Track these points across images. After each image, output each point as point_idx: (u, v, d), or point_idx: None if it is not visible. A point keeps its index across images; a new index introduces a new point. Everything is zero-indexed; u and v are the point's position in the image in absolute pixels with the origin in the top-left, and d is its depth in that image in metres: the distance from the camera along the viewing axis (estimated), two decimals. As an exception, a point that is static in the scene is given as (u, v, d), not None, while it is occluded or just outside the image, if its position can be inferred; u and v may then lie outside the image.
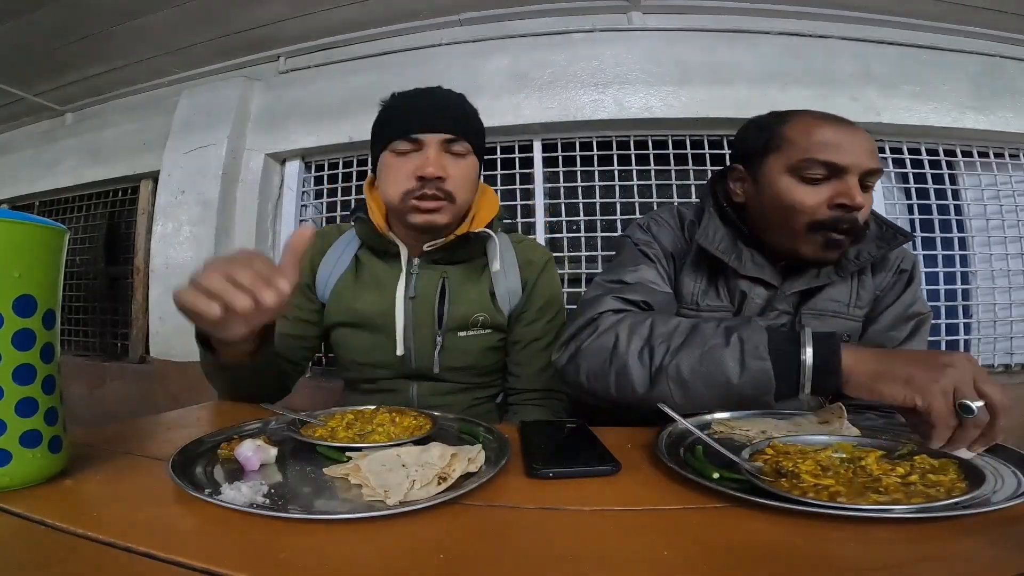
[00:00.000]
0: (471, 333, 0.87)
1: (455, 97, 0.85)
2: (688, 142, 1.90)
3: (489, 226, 0.87)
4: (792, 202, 0.73)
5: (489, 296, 0.88)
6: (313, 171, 2.20)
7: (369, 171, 0.88)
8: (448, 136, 0.79)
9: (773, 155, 0.75)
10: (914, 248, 1.88)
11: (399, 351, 0.85)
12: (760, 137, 0.78)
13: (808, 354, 0.57)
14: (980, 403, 0.48)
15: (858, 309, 0.80)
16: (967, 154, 1.91)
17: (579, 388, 0.71)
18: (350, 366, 0.92)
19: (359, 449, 0.51)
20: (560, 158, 1.95)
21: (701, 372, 0.60)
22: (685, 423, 0.54)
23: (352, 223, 0.94)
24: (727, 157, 0.86)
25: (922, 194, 1.88)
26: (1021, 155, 1.91)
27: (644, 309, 0.74)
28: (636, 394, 0.64)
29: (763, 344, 0.58)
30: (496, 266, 0.85)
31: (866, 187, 0.72)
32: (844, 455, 0.47)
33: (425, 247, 0.85)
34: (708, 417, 0.64)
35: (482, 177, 0.92)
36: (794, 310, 0.80)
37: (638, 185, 1.90)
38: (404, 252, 0.86)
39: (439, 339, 0.86)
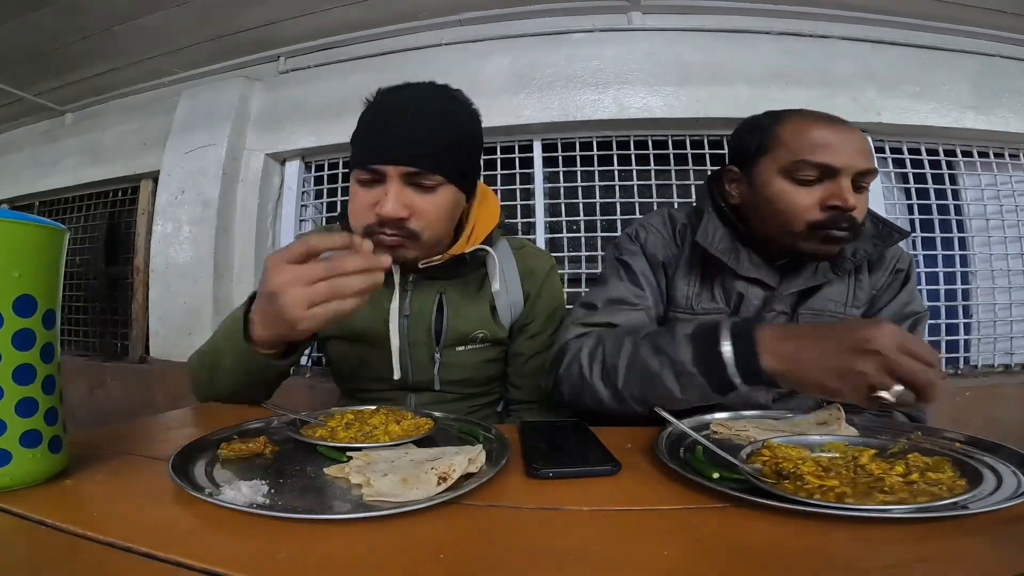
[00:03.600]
0: (469, 348, 0.84)
1: (435, 112, 0.73)
2: (688, 142, 1.90)
3: (489, 236, 0.82)
4: (787, 204, 0.73)
5: (490, 311, 0.85)
6: (313, 171, 2.20)
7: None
8: (411, 170, 0.70)
9: (766, 156, 0.75)
10: (914, 248, 1.89)
11: (396, 375, 0.81)
12: (754, 138, 0.78)
13: (726, 347, 0.57)
14: (899, 388, 0.48)
15: (855, 309, 0.81)
16: (967, 154, 1.91)
17: (569, 406, 0.76)
18: (346, 377, 0.90)
19: (359, 449, 0.51)
20: (560, 158, 1.95)
21: (651, 394, 0.64)
22: (683, 427, 0.54)
23: (335, 225, 0.90)
24: (726, 157, 0.87)
25: (922, 194, 1.88)
26: (1021, 155, 1.91)
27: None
28: (612, 409, 0.68)
29: (688, 359, 0.60)
30: (496, 285, 0.81)
31: (860, 187, 0.72)
32: (838, 455, 0.47)
33: (420, 264, 0.78)
34: (707, 418, 0.64)
35: (482, 178, 0.87)
36: (791, 310, 0.80)
37: (638, 185, 1.90)
38: (396, 269, 0.81)
39: (437, 356, 0.83)
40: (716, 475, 0.43)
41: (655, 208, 1.90)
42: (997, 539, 0.34)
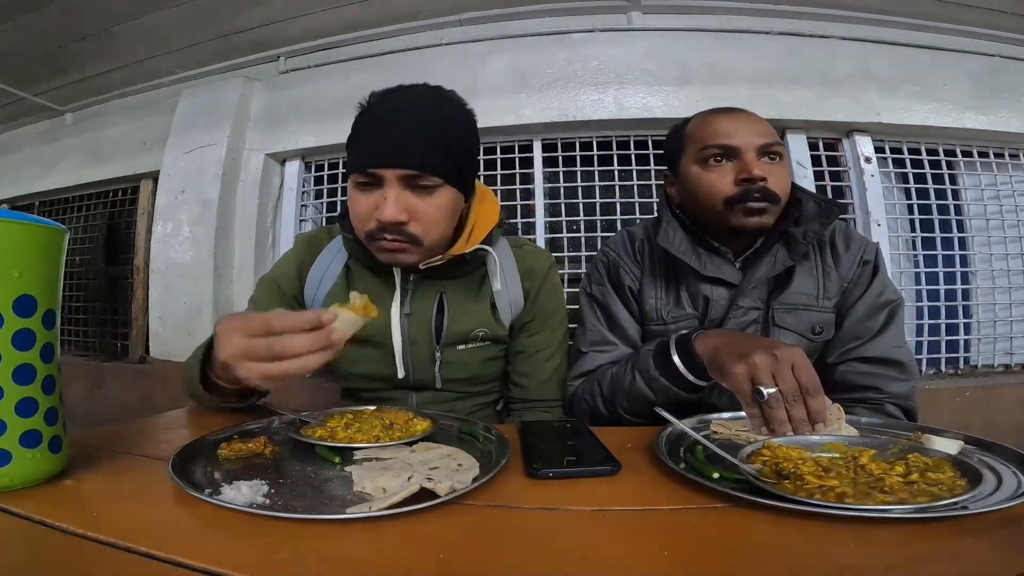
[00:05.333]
0: (471, 346, 0.85)
1: (430, 114, 0.73)
2: (688, 142, 1.90)
3: (489, 236, 0.82)
4: (705, 187, 0.82)
5: (490, 310, 0.85)
6: (313, 171, 2.20)
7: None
8: (409, 172, 0.70)
9: (684, 153, 0.86)
10: (914, 248, 1.89)
11: (400, 374, 0.82)
12: (674, 142, 0.90)
13: (675, 357, 0.69)
14: (772, 389, 0.54)
15: (827, 300, 0.83)
16: (967, 154, 1.91)
17: None
18: (348, 376, 0.90)
19: (359, 449, 0.51)
20: (560, 158, 1.95)
21: (636, 402, 0.75)
22: (683, 427, 0.54)
23: (333, 227, 0.91)
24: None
25: (922, 194, 1.88)
26: (1021, 155, 1.90)
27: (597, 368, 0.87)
28: (619, 423, 0.78)
29: (651, 366, 0.72)
30: (497, 285, 0.82)
31: (772, 159, 0.80)
32: (837, 455, 0.47)
33: (420, 265, 0.79)
34: (707, 418, 0.64)
35: (481, 178, 0.89)
36: (765, 306, 0.83)
37: (638, 185, 1.90)
38: (397, 270, 0.82)
39: (438, 355, 0.83)
40: (716, 475, 0.43)
41: (655, 208, 1.90)
42: (997, 539, 0.34)
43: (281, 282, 0.87)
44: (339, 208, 2.12)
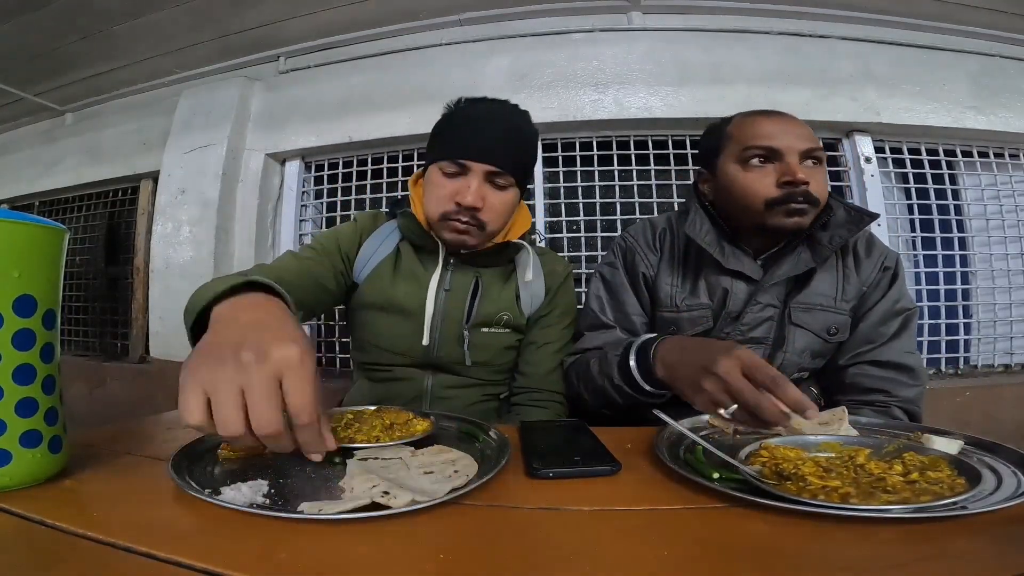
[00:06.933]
0: (494, 330, 0.92)
1: (513, 126, 0.88)
2: (688, 142, 1.90)
3: (521, 236, 0.94)
4: (743, 188, 0.81)
5: (514, 298, 0.94)
6: (313, 171, 2.20)
7: (415, 167, 0.90)
8: (493, 169, 0.83)
9: (723, 152, 0.86)
10: (914, 248, 1.89)
11: (425, 340, 0.88)
12: (711, 141, 0.90)
13: (632, 362, 0.71)
14: (732, 407, 0.55)
15: (844, 303, 0.84)
16: (967, 154, 1.91)
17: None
18: (370, 349, 0.94)
19: (359, 449, 0.51)
20: (560, 158, 1.95)
21: (603, 398, 0.79)
22: (681, 428, 0.54)
23: (384, 211, 1.01)
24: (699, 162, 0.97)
25: (922, 194, 1.88)
26: (1021, 155, 1.90)
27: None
28: (601, 408, 0.83)
29: (615, 370, 0.75)
30: (529, 275, 0.91)
31: (812, 163, 0.80)
32: (834, 454, 0.47)
33: (462, 250, 0.90)
34: (706, 418, 0.64)
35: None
36: (782, 305, 0.83)
37: (638, 185, 1.90)
38: (443, 250, 0.91)
39: (466, 333, 0.90)
40: (716, 475, 0.43)
41: (655, 208, 1.90)
42: (997, 539, 0.34)
43: (341, 240, 0.93)
44: (339, 208, 2.13)
